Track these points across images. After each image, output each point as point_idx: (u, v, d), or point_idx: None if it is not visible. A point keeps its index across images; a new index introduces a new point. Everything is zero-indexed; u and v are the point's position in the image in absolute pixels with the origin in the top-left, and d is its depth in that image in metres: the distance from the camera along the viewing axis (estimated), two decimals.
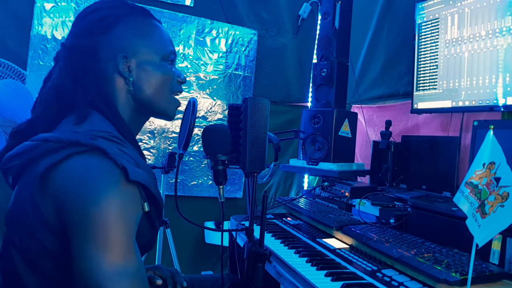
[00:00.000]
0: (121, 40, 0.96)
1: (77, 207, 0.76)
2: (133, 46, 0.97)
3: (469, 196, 1.01)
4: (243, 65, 3.04)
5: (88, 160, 0.80)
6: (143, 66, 0.98)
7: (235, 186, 3.05)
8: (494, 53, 1.68)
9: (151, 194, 0.88)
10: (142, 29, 1.00)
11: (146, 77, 0.99)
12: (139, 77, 0.98)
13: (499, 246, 1.22)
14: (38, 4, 2.39)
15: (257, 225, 1.15)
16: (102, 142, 0.83)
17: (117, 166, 0.80)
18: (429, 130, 2.24)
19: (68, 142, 0.81)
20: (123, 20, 0.97)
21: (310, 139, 2.26)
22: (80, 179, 0.78)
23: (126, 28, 0.97)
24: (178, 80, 1.06)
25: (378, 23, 2.69)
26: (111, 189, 0.77)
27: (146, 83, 0.99)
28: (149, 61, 0.99)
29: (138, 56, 0.97)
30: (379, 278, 1.20)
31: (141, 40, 0.98)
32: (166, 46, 1.03)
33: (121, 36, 0.96)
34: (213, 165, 1.15)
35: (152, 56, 0.99)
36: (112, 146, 0.84)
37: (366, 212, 1.75)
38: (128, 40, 0.97)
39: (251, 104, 1.11)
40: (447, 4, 1.92)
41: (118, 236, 0.76)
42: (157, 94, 1.01)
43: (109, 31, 0.95)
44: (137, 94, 0.99)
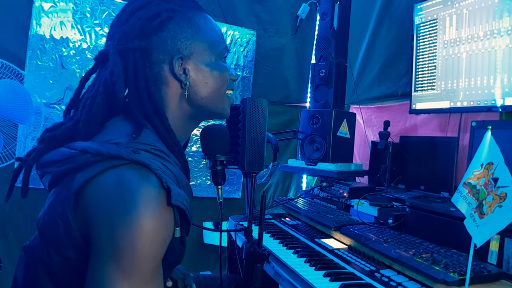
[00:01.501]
0: (175, 40, 0.87)
1: (104, 223, 0.69)
2: (188, 46, 0.89)
3: (467, 196, 1.01)
4: (241, 66, 3.04)
5: (125, 174, 0.72)
6: (200, 67, 0.90)
7: (233, 186, 3.05)
8: (492, 54, 1.69)
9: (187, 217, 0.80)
10: (196, 25, 0.90)
11: (204, 79, 0.91)
12: (196, 79, 0.90)
13: (497, 246, 1.23)
14: (36, 4, 2.39)
15: (255, 225, 1.15)
16: (145, 156, 0.76)
17: (160, 184, 0.73)
18: (427, 130, 2.25)
19: (108, 155, 0.74)
20: (176, 16, 0.88)
21: (309, 140, 2.26)
22: (113, 194, 0.70)
23: (179, 25, 0.88)
24: (232, 78, 1.01)
25: (376, 23, 2.70)
26: (147, 208, 0.69)
27: (203, 86, 0.91)
28: (206, 61, 0.91)
29: (194, 56, 0.89)
30: (378, 278, 1.20)
31: (196, 38, 0.90)
32: (220, 42, 0.95)
33: (175, 34, 0.87)
34: (212, 166, 1.15)
35: (209, 55, 0.92)
36: (155, 161, 0.77)
37: (364, 213, 1.75)
38: (183, 39, 0.88)
39: (249, 104, 1.11)
40: (446, 5, 1.92)
41: (144, 262, 0.69)
42: (214, 95, 0.94)
43: (162, 30, 0.86)
44: (192, 98, 0.91)
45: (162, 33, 0.86)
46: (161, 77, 0.87)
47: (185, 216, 0.79)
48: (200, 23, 0.91)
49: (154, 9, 0.87)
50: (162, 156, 0.82)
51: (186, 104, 0.92)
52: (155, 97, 0.86)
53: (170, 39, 0.87)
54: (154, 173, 0.73)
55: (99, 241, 0.70)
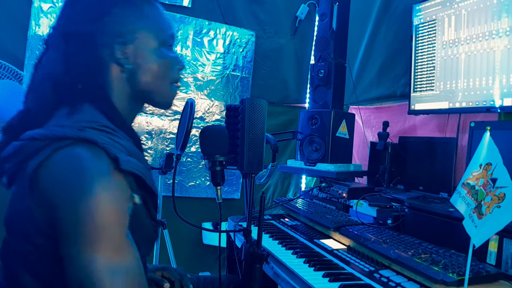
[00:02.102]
0: (119, 24, 0.90)
1: (63, 203, 0.72)
2: (131, 31, 0.91)
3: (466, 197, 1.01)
4: (240, 66, 3.04)
5: (74, 152, 0.74)
6: (141, 52, 0.92)
7: (232, 187, 3.05)
8: (491, 54, 1.69)
9: (146, 185, 0.84)
10: (141, 11, 0.93)
11: (145, 64, 0.93)
12: (137, 64, 0.92)
13: (496, 247, 1.23)
14: (35, 4, 2.39)
15: (254, 226, 1.15)
16: (91, 133, 0.79)
17: (108, 155, 0.75)
18: (426, 131, 2.25)
19: (55, 137, 0.76)
20: (120, 2, 0.91)
21: (308, 140, 2.26)
22: (66, 173, 0.73)
23: (124, 11, 0.90)
24: (178, 68, 1.00)
25: (375, 24, 2.70)
26: (100, 181, 0.72)
27: (145, 71, 0.93)
28: (148, 46, 0.93)
29: (136, 42, 0.91)
30: (377, 279, 1.20)
31: (140, 23, 0.92)
32: (165, 30, 0.97)
33: (119, 19, 0.90)
34: (211, 166, 1.15)
35: (151, 41, 0.93)
36: (101, 136, 0.80)
37: (363, 213, 1.76)
38: (126, 24, 0.90)
39: (248, 105, 1.11)
40: (444, 6, 1.92)
41: (111, 232, 0.72)
42: (156, 82, 0.95)
43: (106, 14, 0.89)
44: (134, 82, 0.93)
45: (105, 17, 0.88)
46: (104, 61, 0.89)
47: (143, 182, 0.82)
48: (144, 10, 0.93)
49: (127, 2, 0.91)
50: (109, 131, 0.84)
51: (129, 88, 0.93)
52: (97, 80, 0.89)
53: (113, 24, 0.89)
54: (100, 147, 0.76)
55: (62, 223, 0.72)
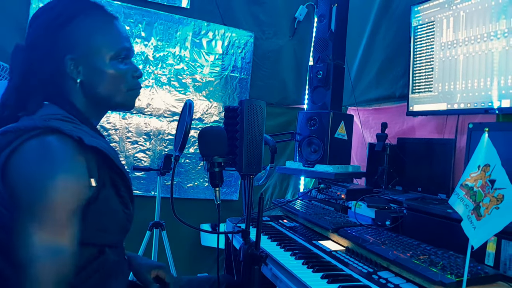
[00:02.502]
0: (72, 40, 0.96)
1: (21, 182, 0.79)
2: (82, 46, 0.97)
3: (464, 198, 1.02)
4: (239, 67, 3.04)
5: (43, 140, 0.83)
6: (92, 66, 0.98)
7: (231, 188, 3.05)
8: (489, 56, 1.69)
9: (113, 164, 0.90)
10: (93, 27, 0.99)
11: (95, 77, 0.99)
12: (88, 77, 0.98)
13: (494, 248, 1.23)
14: (33, 5, 2.38)
15: (253, 227, 1.15)
16: (56, 122, 0.87)
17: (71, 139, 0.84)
18: (424, 132, 2.25)
19: (25, 128, 0.83)
20: (77, 18, 0.97)
21: (306, 141, 2.26)
22: (31, 158, 0.81)
23: (78, 27, 0.97)
24: (133, 76, 1.05)
25: (374, 25, 2.70)
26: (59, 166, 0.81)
27: (96, 83, 0.99)
28: (98, 61, 0.98)
29: (86, 57, 0.97)
30: (375, 280, 1.20)
31: (91, 39, 0.98)
32: (116, 44, 1.01)
33: (72, 35, 0.96)
34: (209, 167, 1.15)
35: (101, 55, 0.99)
36: (66, 124, 0.88)
37: (362, 214, 1.76)
38: (79, 40, 0.97)
39: (247, 106, 1.11)
40: (443, 7, 1.93)
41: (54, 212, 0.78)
42: (109, 92, 1.01)
43: (62, 30, 0.96)
44: (88, 93, 0.99)
45: (60, 33, 0.96)
46: (58, 73, 0.97)
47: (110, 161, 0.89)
48: (97, 26, 0.99)
49: (57, 11, 0.97)
50: (72, 121, 0.93)
51: (84, 97, 1.00)
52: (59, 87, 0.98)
53: (67, 39, 0.96)
54: (65, 133, 0.84)
55: (17, 199, 0.79)
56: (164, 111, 2.82)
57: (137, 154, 2.76)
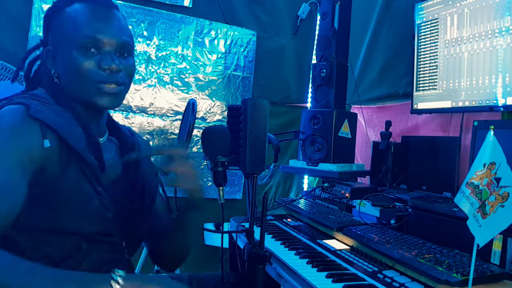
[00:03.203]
0: (49, 33, 1.01)
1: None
2: (55, 38, 0.99)
3: (470, 196, 1.01)
4: (242, 66, 3.03)
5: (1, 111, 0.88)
6: (59, 58, 0.99)
7: (234, 187, 3.04)
8: (494, 53, 1.68)
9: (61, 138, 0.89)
10: (61, 19, 0.98)
11: (62, 70, 0.98)
12: (58, 70, 0.99)
13: (500, 247, 1.22)
14: (36, 5, 2.39)
15: (257, 226, 1.15)
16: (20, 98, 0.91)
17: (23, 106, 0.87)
18: (429, 130, 2.24)
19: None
20: (54, 12, 1.00)
21: (310, 140, 2.25)
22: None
23: (60, 18, 0.99)
24: (101, 68, 0.95)
25: (377, 23, 2.69)
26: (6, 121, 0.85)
27: (64, 76, 0.99)
28: (61, 52, 0.98)
29: (56, 48, 0.99)
30: (380, 279, 1.19)
31: (61, 30, 0.98)
32: (78, 32, 0.95)
33: (50, 29, 1.01)
34: (213, 167, 1.14)
35: (64, 46, 0.96)
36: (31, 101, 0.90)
37: (366, 213, 1.75)
38: (53, 32, 1.00)
39: (250, 105, 1.11)
40: (447, 5, 1.91)
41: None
42: (76, 86, 0.96)
43: (51, 23, 1.01)
44: (63, 86, 0.99)
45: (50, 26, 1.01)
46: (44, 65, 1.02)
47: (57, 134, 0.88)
48: (68, 16, 0.98)
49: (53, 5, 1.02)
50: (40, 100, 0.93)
51: (62, 90, 0.99)
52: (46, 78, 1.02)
53: (48, 33, 1.02)
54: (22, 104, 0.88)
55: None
56: (167, 111, 2.82)
57: None
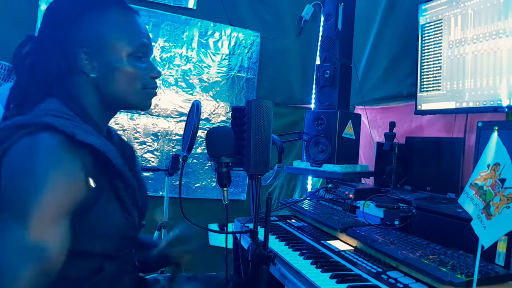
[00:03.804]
0: (87, 34, 0.91)
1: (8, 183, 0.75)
2: (98, 41, 0.91)
3: (474, 197, 1.01)
4: (246, 67, 3.04)
5: (33, 138, 0.77)
6: (107, 62, 0.92)
7: (238, 188, 3.05)
8: (498, 54, 1.68)
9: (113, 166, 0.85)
10: (110, 21, 0.93)
11: (111, 75, 0.93)
12: (103, 74, 0.93)
13: (504, 248, 1.22)
14: (41, 7, 2.40)
15: (261, 227, 1.15)
16: (50, 118, 0.82)
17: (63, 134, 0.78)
18: (433, 131, 2.24)
19: (17, 126, 0.79)
20: (92, 11, 0.92)
21: (314, 141, 2.25)
22: (21, 156, 0.76)
23: (93, 20, 0.92)
24: (151, 76, 0.99)
25: (381, 24, 2.69)
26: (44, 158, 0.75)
27: (112, 81, 0.93)
28: (114, 57, 0.93)
29: (101, 51, 0.92)
30: (384, 280, 1.19)
31: (107, 33, 0.92)
32: (134, 40, 0.95)
33: (87, 29, 0.91)
34: (217, 168, 1.15)
35: (118, 51, 0.93)
36: (60, 120, 0.82)
37: (370, 214, 1.75)
38: (94, 34, 0.91)
39: (254, 106, 1.11)
40: (451, 5, 1.91)
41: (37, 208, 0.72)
42: (125, 91, 0.95)
43: (76, 23, 0.91)
44: (101, 90, 0.94)
45: (75, 25, 0.91)
46: (70, 68, 0.91)
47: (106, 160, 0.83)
48: (114, 20, 0.94)
49: (72, 4, 0.92)
50: (69, 118, 0.86)
51: (96, 94, 0.94)
52: (68, 84, 0.92)
53: (82, 33, 0.91)
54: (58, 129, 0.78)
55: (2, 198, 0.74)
56: (171, 112, 2.83)
57: (145, 155, 2.78)
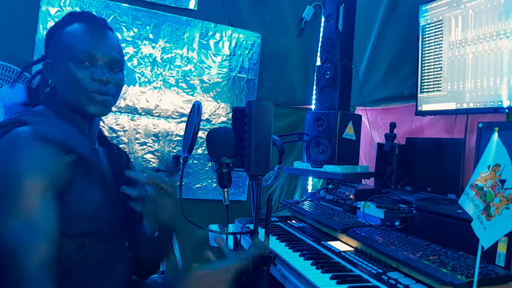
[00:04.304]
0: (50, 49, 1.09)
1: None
2: (51, 52, 1.07)
3: (474, 198, 1.01)
4: (246, 68, 3.04)
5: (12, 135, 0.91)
6: (55, 69, 1.05)
7: (239, 189, 3.05)
8: (499, 55, 1.68)
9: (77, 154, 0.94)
10: (61, 34, 1.06)
11: (57, 80, 1.05)
12: (54, 80, 1.06)
13: (505, 249, 1.22)
14: (43, 8, 2.41)
15: (261, 228, 1.15)
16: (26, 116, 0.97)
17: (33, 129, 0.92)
18: (433, 132, 2.24)
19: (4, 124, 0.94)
20: (55, 32, 1.07)
21: (314, 142, 2.26)
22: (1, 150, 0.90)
23: (58, 37, 1.06)
24: (93, 78, 1.01)
25: (381, 25, 2.69)
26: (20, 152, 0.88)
27: (59, 86, 1.05)
28: (59, 63, 1.04)
29: (55, 60, 1.05)
30: (385, 281, 1.19)
31: (56, 45, 1.06)
32: (76, 46, 1.02)
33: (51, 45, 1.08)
34: (218, 168, 1.15)
35: (62, 58, 1.03)
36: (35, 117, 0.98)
37: (371, 215, 1.75)
38: (51, 47, 1.08)
39: (255, 107, 1.11)
40: (451, 6, 1.91)
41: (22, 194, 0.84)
42: (71, 95, 1.03)
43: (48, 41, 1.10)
44: (58, 96, 1.05)
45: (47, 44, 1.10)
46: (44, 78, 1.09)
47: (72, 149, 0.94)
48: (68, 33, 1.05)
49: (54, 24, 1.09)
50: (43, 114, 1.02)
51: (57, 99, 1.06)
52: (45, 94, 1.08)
53: (48, 48, 1.10)
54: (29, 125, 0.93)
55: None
56: (172, 112, 2.83)
57: (146, 156, 2.78)
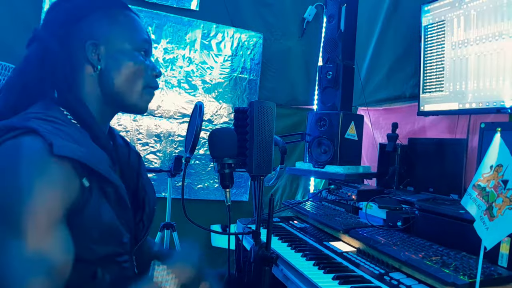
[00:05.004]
0: (92, 28, 0.93)
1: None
2: (104, 34, 0.93)
3: (477, 198, 1.01)
4: (248, 68, 3.04)
5: (17, 143, 0.76)
6: (113, 54, 0.94)
7: (241, 189, 3.05)
8: (501, 55, 1.68)
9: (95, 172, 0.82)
10: (115, 18, 0.96)
11: (116, 66, 0.94)
12: (109, 65, 0.93)
13: (507, 249, 1.22)
14: (45, 8, 2.41)
15: (263, 228, 1.15)
16: (35, 122, 0.80)
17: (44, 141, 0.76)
18: (436, 132, 2.23)
19: (4, 128, 0.79)
20: (97, 11, 0.94)
21: (316, 142, 2.25)
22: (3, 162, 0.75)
23: (98, 18, 0.94)
24: (153, 74, 1.00)
25: (383, 25, 2.69)
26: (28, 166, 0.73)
27: (116, 73, 0.94)
28: (120, 49, 0.94)
29: (108, 44, 0.93)
30: (387, 281, 1.19)
31: (113, 28, 0.95)
32: (138, 35, 0.98)
33: (93, 24, 0.93)
34: (220, 169, 1.15)
35: (124, 44, 0.95)
36: (44, 125, 0.81)
37: (373, 215, 1.75)
38: (99, 28, 0.93)
39: (257, 107, 1.11)
40: (453, 6, 1.91)
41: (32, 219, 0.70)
42: (128, 85, 0.96)
43: (81, 20, 0.93)
44: (105, 84, 0.94)
45: (81, 23, 0.93)
46: (78, 61, 0.93)
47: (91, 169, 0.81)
48: (119, 18, 0.96)
49: (77, 3, 0.94)
50: (55, 121, 0.85)
51: (99, 90, 0.95)
52: (71, 79, 0.93)
53: (87, 28, 0.93)
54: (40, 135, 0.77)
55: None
56: (174, 113, 2.83)
57: (148, 156, 2.78)
